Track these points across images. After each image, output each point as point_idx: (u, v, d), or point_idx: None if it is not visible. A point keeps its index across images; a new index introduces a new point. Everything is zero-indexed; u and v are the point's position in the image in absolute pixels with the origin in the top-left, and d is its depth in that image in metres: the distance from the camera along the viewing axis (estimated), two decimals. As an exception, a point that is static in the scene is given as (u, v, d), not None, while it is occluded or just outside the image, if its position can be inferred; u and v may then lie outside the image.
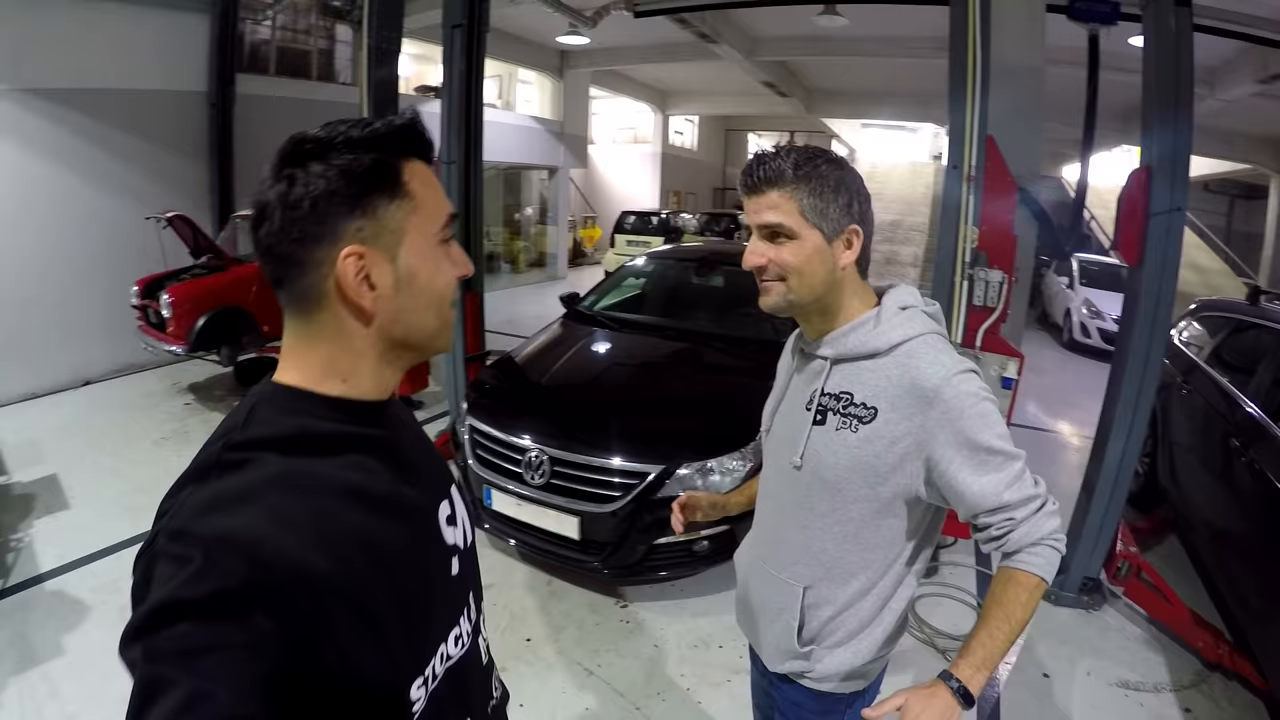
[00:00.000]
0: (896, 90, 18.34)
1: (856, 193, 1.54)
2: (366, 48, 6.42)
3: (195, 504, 0.82)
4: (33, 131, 8.14)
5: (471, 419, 4.60)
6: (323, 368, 0.97)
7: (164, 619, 0.72)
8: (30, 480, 5.97)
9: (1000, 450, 1.45)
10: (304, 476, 0.88)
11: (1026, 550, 1.45)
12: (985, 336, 4.17)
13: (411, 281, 0.97)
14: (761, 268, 1.55)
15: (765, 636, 1.81)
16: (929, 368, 1.47)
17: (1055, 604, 4.28)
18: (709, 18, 12.28)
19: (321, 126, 0.94)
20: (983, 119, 4.10)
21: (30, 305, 8.23)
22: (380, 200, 0.93)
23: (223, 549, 0.76)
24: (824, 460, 1.59)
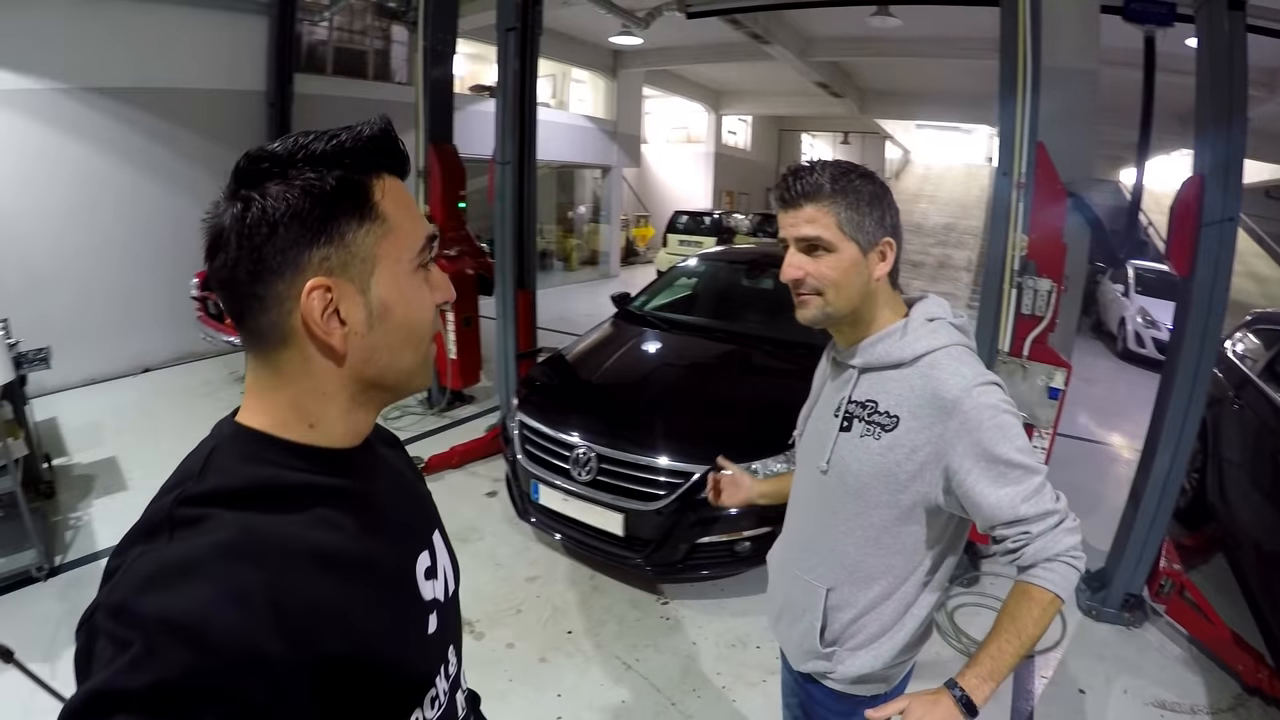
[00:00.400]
0: (951, 91, 18.08)
1: (889, 206, 1.58)
2: (422, 48, 6.55)
3: (139, 574, 0.73)
4: (98, 129, 8.44)
5: (522, 415, 4.67)
6: (288, 411, 0.87)
7: (100, 710, 0.65)
8: (90, 462, 6.20)
9: (1019, 463, 1.46)
10: (261, 541, 0.78)
11: (1042, 565, 1.45)
12: (1033, 346, 4.12)
13: (386, 316, 0.87)
14: (799, 280, 1.58)
15: (790, 635, 1.86)
16: (950, 379, 1.50)
17: (1095, 619, 4.22)
18: (761, 18, 12.23)
19: (280, 140, 0.84)
20: (1033, 123, 4.05)
21: (94, 295, 8.52)
22: (348, 225, 0.84)
23: (164, 633, 0.67)
24: (848, 466, 1.63)
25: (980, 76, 13.40)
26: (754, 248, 8.65)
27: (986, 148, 33.84)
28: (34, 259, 8.07)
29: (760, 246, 9.08)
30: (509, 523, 5.11)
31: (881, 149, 32.33)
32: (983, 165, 32.37)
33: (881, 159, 32.29)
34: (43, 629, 3.91)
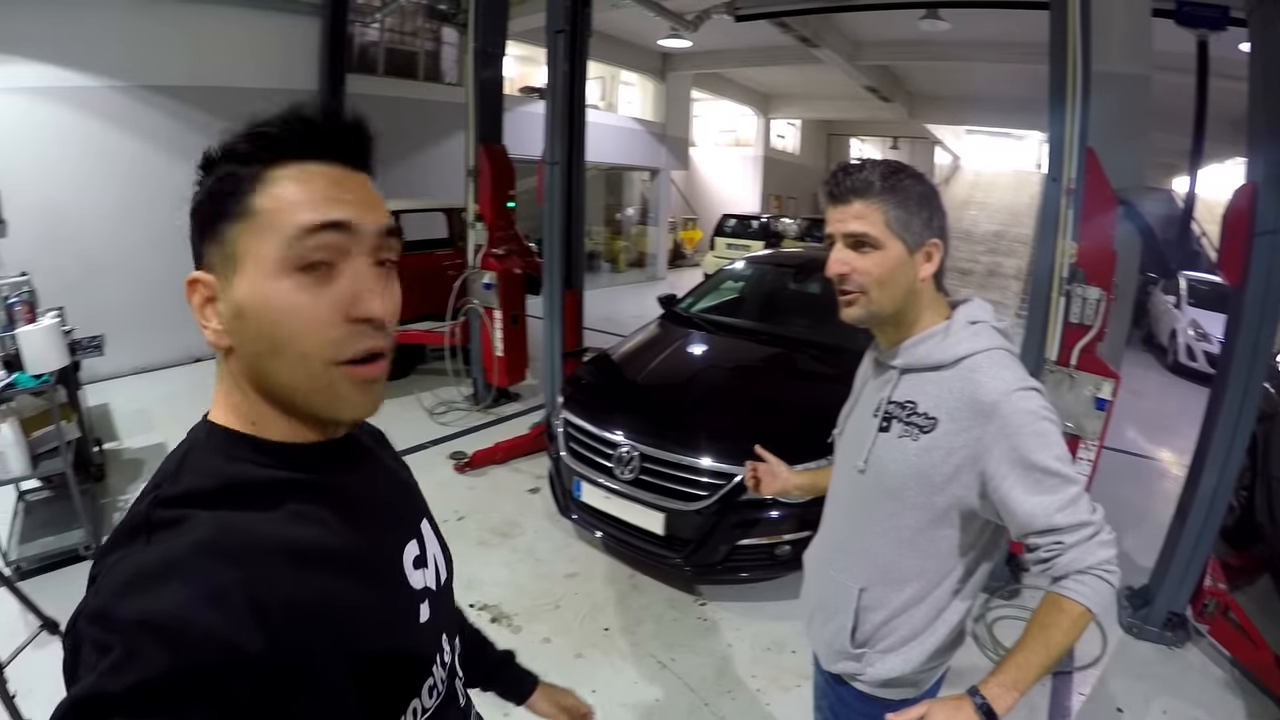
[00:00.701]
0: (1001, 96, 17.81)
1: (936, 208, 1.58)
2: (472, 50, 6.62)
3: (119, 578, 0.74)
4: (154, 126, 8.69)
5: (566, 412, 4.72)
6: (230, 406, 0.88)
7: (84, 715, 0.66)
8: (139, 447, 6.40)
9: (1055, 471, 1.44)
10: (237, 539, 0.77)
11: (1074, 577, 1.43)
12: (1081, 355, 4.05)
13: (240, 319, 0.82)
14: (844, 276, 1.59)
15: (822, 635, 1.86)
16: (990, 382, 1.49)
17: (1137, 637, 4.14)
18: (810, 21, 12.21)
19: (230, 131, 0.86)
20: (1083, 129, 3.99)
21: (148, 286, 8.69)
22: (224, 223, 0.82)
23: (144, 635, 0.68)
24: (885, 466, 1.63)
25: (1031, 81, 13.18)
26: (801, 252, 8.61)
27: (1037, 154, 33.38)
28: (90, 251, 8.34)
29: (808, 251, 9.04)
30: (550, 519, 5.17)
31: (931, 154, 32.00)
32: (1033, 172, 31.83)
33: (931, 165, 31.94)
34: None
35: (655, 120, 18.88)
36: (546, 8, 6.22)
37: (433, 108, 12.07)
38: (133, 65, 8.42)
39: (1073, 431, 3.98)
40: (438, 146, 11.81)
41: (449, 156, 10.92)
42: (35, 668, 3.21)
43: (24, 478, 4.44)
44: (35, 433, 4.47)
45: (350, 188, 0.85)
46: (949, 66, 15.17)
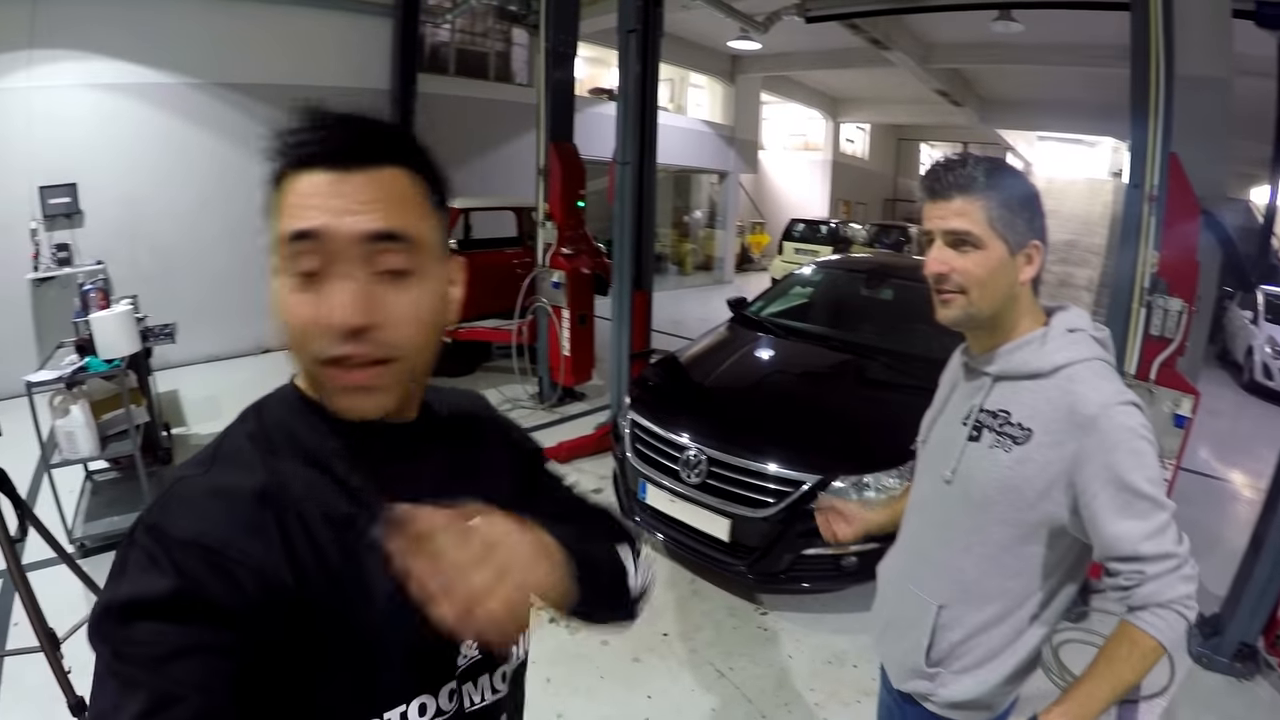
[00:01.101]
0: (1074, 101, 17.42)
1: (1038, 209, 1.53)
2: (543, 51, 6.65)
3: (176, 497, 0.82)
4: (228, 122, 8.95)
5: (633, 413, 4.69)
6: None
7: (133, 615, 0.72)
8: (206, 433, 6.50)
9: (1148, 495, 1.38)
10: (284, 489, 0.84)
11: (1152, 610, 1.38)
12: (1160, 369, 3.94)
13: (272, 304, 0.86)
14: (943, 276, 1.52)
15: (894, 652, 1.80)
16: (1090, 394, 1.44)
17: (1205, 667, 3.97)
18: (881, 23, 12.06)
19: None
20: (1165, 135, 3.88)
21: (221, 278, 9.01)
22: (268, 217, 0.87)
23: (190, 552, 0.74)
24: (974, 478, 1.57)
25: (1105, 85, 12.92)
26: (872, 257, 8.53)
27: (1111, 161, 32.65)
28: (165, 242, 8.63)
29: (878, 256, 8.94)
30: (612, 520, 5.14)
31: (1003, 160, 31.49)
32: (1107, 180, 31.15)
33: (1001, 171, 31.43)
34: None
35: (724, 123, 18.84)
36: (618, 8, 6.22)
37: (502, 108, 12.18)
38: (209, 63, 8.69)
39: (1150, 450, 3.88)
40: (508, 146, 11.93)
41: (518, 156, 11.02)
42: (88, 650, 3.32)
43: (92, 458, 4.56)
44: (105, 415, 4.60)
45: (341, 191, 0.82)
46: (1021, 70, 14.88)
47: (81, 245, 8.01)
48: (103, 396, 4.66)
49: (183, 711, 0.69)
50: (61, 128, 7.78)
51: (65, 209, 7.86)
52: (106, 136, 8.13)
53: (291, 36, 9.39)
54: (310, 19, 9.50)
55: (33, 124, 7.62)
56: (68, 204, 7.85)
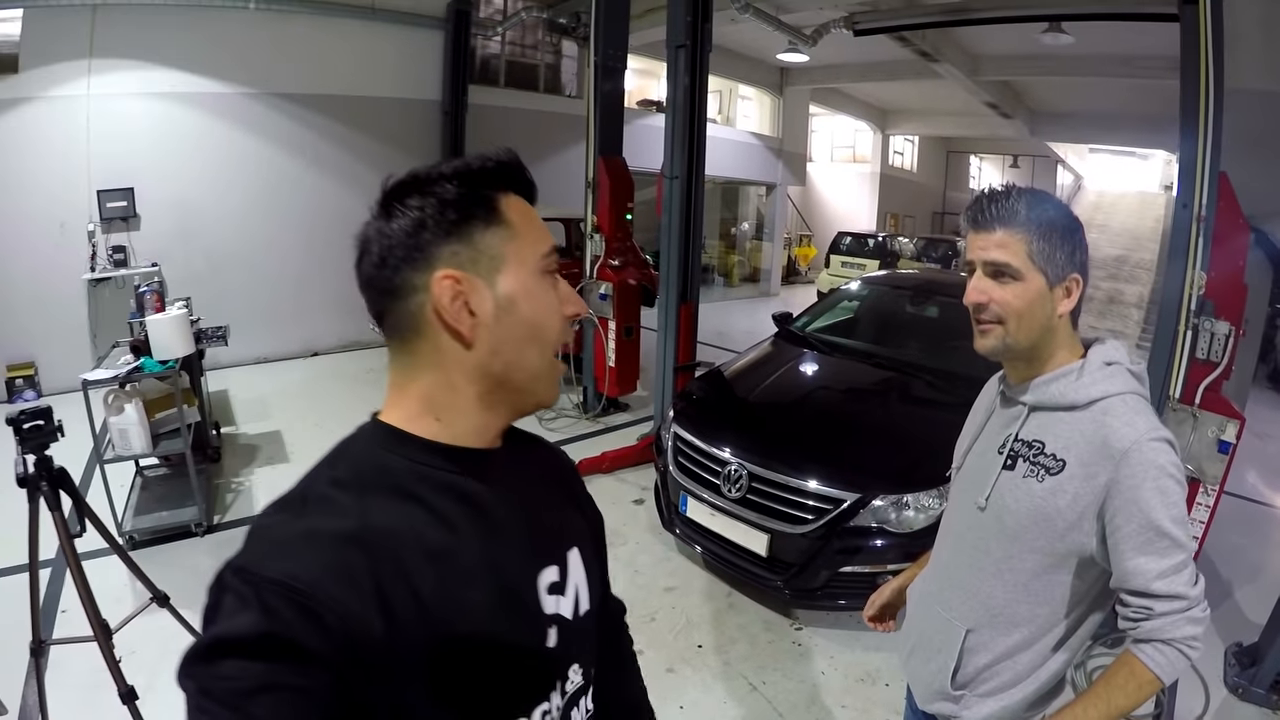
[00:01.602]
0: (1125, 113, 17.09)
1: (1079, 243, 1.54)
2: (593, 64, 6.70)
3: (267, 540, 0.84)
4: (282, 131, 9.23)
5: (677, 426, 4.71)
6: (419, 404, 0.95)
7: (220, 653, 0.74)
8: (256, 433, 6.73)
9: (1168, 534, 1.41)
10: (375, 527, 0.85)
11: (1155, 645, 1.43)
12: (1205, 394, 3.87)
13: (512, 309, 0.94)
14: (981, 305, 1.55)
15: (921, 673, 1.82)
16: (1122, 429, 1.45)
17: (1241, 698, 3.87)
18: (930, 36, 11.99)
19: (419, 167, 0.95)
20: (1215, 151, 3.81)
21: (272, 281, 9.27)
22: (475, 226, 0.92)
23: (279, 594, 0.76)
24: (1007, 506, 1.59)
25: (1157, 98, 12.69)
26: (919, 273, 8.47)
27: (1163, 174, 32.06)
28: (219, 246, 8.86)
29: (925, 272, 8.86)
30: (652, 531, 5.18)
31: (1053, 174, 31.00)
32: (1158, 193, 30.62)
33: (1052, 184, 30.94)
34: (195, 579, 4.22)
35: (772, 135, 18.82)
36: (668, 22, 6.26)
37: (551, 119, 12.29)
38: (264, 73, 8.94)
39: (1193, 475, 3.81)
40: (556, 157, 12.01)
41: (567, 167, 11.10)
42: (143, 636, 3.38)
43: (144, 455, 4.68)
44: (158, 414, 4.72)
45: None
46: (1071, 82, 14.67)
47: (137, 247, 8.25)
48: (156, 395, 4.79)
49: None
50: (119, 134, 8.04)
51: (122, 212, 8.10)
52: (163, 143, 8.37)
53: (344, 48, 9.60)
54: (363, 31, 9.70)
55: (92, 130, 7.87)
56: (124, 207, 8.10)
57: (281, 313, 9.42)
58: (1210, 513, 3.84)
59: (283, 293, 9.42)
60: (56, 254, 7.79)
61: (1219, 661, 4.07)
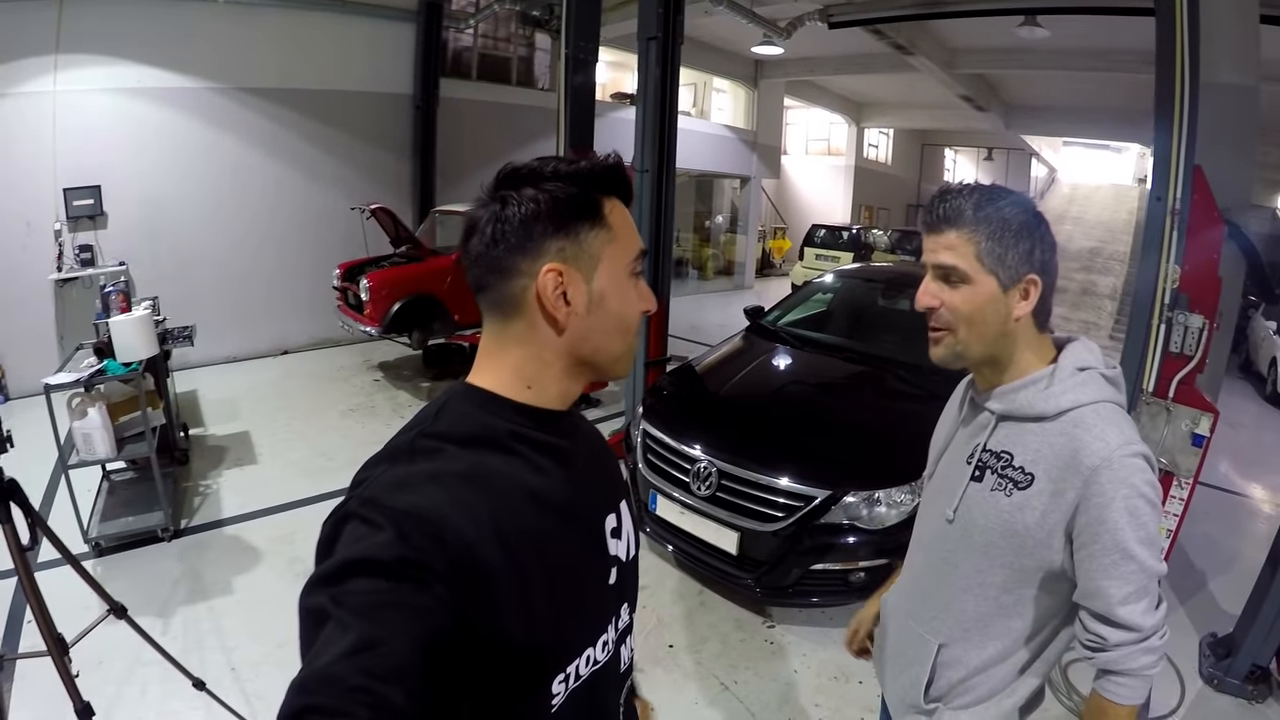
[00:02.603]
0: (1100, 107, 17.24)
1: (1040, 239, 1.45)
2: (564, 56, 6.63)
3: (390, 479, 0.91)
4: (249, 126, 9.11)
5: (646, 424, 4.67)
6: (512, 373, 1.05)
7: (352, 573, 0.80)
8: (225, 434, 6.63)
9: (1135, 557, 1.35)
10: (486, 472, 0.96)
11: (1114, 679, 1.42)
12: (1179, 387, 3.87)
13: (602, 303, 1.05)
14: (932, 310, 1.50)
15: (895, 685, 1.78)
16: (1093, 443, 1.37)
17: (1217, 689, 3.89)
18: (905, 29, 12.02)
19: (534, 159, 1.05)
20: (1190, 145, 3.80)
21: (241, 279, 9.19)
22: (582, 226, 1.02)
23: (411, 522, 0.84)
24: (975, 520, 1.53)
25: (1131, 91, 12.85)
26: (892, 266, 8.47)
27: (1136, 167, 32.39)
28: (186, 243, 8.76)
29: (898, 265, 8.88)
30: (623, 529, 5.13)
31: (1027, 166, 31.26)
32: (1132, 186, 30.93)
33: (1027, 177, 31.23)
34: (160, 586, 4.21)
35: (747, 128, 18.82)
36: (639, 14, 6.21)
37: (524, 112, 12.24)
38: (231, 68, 8.83)
39: (1167, 468, 3.82)
40: (529, 151, 11.67)
41: (540, 161, 11.09)
42: (109, 648, 3.35)
43: (109, 460, 4.61)
44: (122, 418, 4.65)
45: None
46: (1046, 76, 14.77)
47: (104, 246, 8.14)
48: (120, 399, 4.71)
49: (385, 654, 0.75)
50: (86, 131, 7.92)
51: (89, 210, 7.99)
52: (130, 139, 8.26)
53: (314, 41, 9.51)
54: (333, 24, 9.62)
55: (58, 127, 7.75)
56: (91, 206, 7.99)
57: (251, 311, 9.32)
58: (1184, 505, 3.84)
59: (252, 290, 9.33)
60: (22, 254, 7.67)
61: (1194, 653, 4.09)
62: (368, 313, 7.85)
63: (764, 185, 20.77)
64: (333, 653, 0.75)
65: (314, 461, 6.12)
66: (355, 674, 0.73)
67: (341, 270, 8.42)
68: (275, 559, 4.63)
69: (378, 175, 10.42)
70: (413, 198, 10.93)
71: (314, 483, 5.66)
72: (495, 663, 0.90)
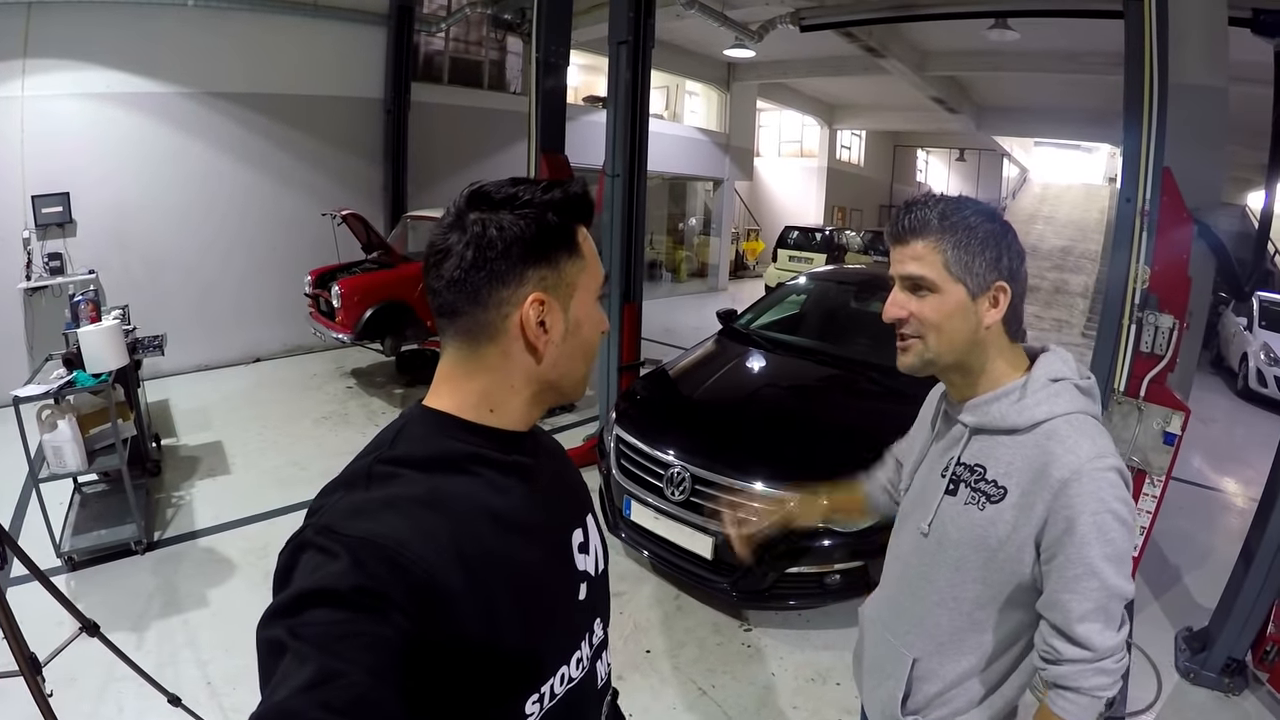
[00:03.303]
0: (1070, 108, 17.36)
1: (1007, 248, 1.45)
2: (535, 60, 6.61)
3: (345, 506, 0.90)
4: (219, 131, 9.00)
5: (619, 429, 4.66)
6: (477, 397, 1.04)
7: (309, 604, 0.79)
8: (197, 444, 6.55)
9: (1099, 574, 1.34)
10: (445, 496, 0.95)
11: (1065, 695, 1.40)
12: (1150, 386, 3.89)
13: (576, 331, 1.07)
14: (901, 320, 1.50)
15: (874, 697, 1.77)
16: (1065, 456, 1.36)
17: (1193, 682, 3.94)
18: (876, 32, 12.06)
19: (500, 182, 1.03)
20: (1159, 146, 3.81)
21: (211, 286, 9.09)
22: (562, 255, 1.03)
23: (368, 550, 0.83)
24: (948, 533, 1.52)
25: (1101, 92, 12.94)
26: (864, 268, 8.50)
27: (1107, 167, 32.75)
28: (156, 250, 8.65)
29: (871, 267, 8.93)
30: (598, 535, 5.11)
31: (998, 167, 31.52)
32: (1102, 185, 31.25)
33: (998, 177, 31.50)
34: (134, 601, 4.15)
35: (719, 130, 18.88)
36: (610, 18, 6.18)
37: (496, 116, 12.20)
38: (200, 72, 8.73)
39: (1139, 466, 3.84)
40: (501, 155, 11.95)
41: (511, 165, 11.04)
42: (82, 664, 3.29)
43: (80, 473, 4.54)
44: (93, 430, 4.59)
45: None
46: (1017, 77, 14.87)
47: (74, 254, 8.02)
48: (90, 410, 4.65)
49: (344, 686, 0.74)
50: (54, 137, 7.80)
51: (58, 218, 7.86)
52: (99, 146, 8.15)
53: (285, 45, 9.43)
54: (304, 28, 9.53)
55: (26, 133, 7.62)
56: (60, 213, 7.86)
57: (222, 319, 9.23)
58: (1157, 503, 3.86)
59: (223, 298, 9.24)
60: (-10, 263, 7.54)
61: (1170, 647, 4.14)
62: (340, 319, 7.79)
63: (737, 187, 20.84)
64: (291, 686, 0.74)
65: (287, 471, 6.06)
66: (313, 708, 0.72)
67: (313, 277, 8.34)
68: (250, 571, 4.58)
69: (349, 180, 10.35)
70: (384, 203, 10.86)
71: (287, 493, 5.61)
72: (463, 688, 0.89)
